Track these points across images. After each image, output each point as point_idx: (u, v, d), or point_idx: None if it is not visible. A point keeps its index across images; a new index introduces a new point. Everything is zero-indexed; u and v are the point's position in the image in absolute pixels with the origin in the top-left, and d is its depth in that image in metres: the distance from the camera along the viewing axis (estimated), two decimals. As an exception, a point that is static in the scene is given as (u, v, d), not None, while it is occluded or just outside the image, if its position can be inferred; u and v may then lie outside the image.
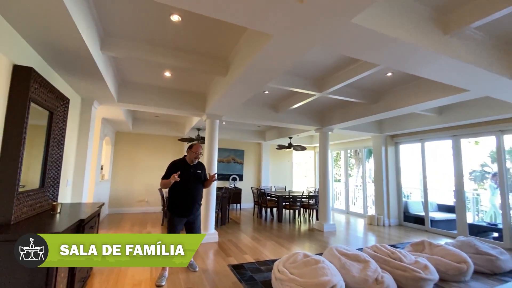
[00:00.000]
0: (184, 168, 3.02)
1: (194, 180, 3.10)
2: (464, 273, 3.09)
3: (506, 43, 2.76)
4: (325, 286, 2.36)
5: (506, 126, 4.67)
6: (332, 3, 1.59)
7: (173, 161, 3.18)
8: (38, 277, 1.71)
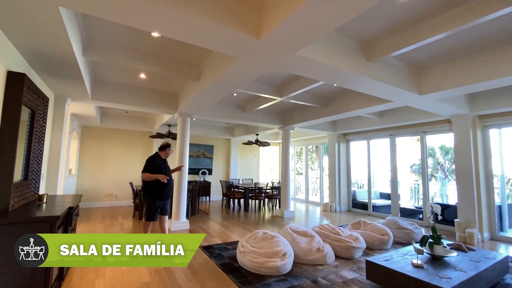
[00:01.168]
0: (161, 162, 3.66)
1: (168, 172, 3.76)
2: (386, 242, 4.01)
3: (416, 68, 3.65)
4: (278, 254, 3.02)
5: (428, 128, 5.81)
6: (281, 41, 2.18)
7: (151, 157, 3.67)
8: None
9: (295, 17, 1.81)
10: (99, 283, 2.70)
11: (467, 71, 3.27)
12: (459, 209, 4.82)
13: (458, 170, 4.86)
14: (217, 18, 1.99)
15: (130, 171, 7.85)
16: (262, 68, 2.77)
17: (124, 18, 1.96)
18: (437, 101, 4.01)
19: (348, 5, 1.68)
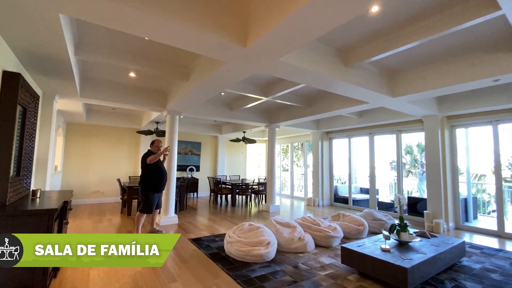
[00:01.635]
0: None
1: (161, 164, 4.18)
2: (361, 232, 4.37)
3: (389, 73, 3.99)
4: (262, 243, 3.28)
5: (402, 127, 6.25)
6: (265, 49, 2.41)
7: (146, 153, 4.07)
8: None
9: (278, 29, 2.05)
10: (93, 273, 2.86)
11: (435, 76, 3.64)
12: (428, 201, 5.28)
13: (428, 166, 5.32)
14: (208, 28, 2.19)
15: (117, 168, 7.87)
16: (248, 71, 2.99)
17: (122, 26, 2.12)
18: (409, 103, 4.39)
19: (324, 20, 1.93)
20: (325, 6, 1.75)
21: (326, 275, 2.89)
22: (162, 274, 2.85)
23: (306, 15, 1.85)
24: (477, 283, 2.74)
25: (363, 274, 2.89)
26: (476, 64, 3.25)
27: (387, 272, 2.61)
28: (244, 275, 2.83)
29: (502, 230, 4.71)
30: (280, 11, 1.95)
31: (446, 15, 2.48)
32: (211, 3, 2.26)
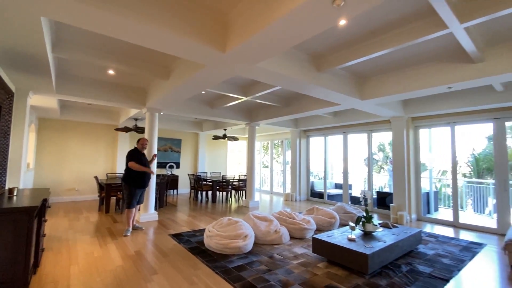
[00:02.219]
0: (140, 155, 4.33)
1: (146, 162, 4.37)
2: (333, 224, 4.71)
3: (358, 77, 4.32)
4: (240, 236, 3.49)
5: (373, 127, 6.71)
6: (243, 55, 2.58)
7: (131, 150, 4.32)
8: (20, 237, 2.27)
9: (255, 39, 2.23)
10: (74, 268, 2.91)
11: (397, 82, 4.00)
12: (394, 195, 5.75)
13: (394, 163, 5.78)
14: (189, 34, 2.32)
15: (93, 165, 7.71)
16: (228, 74, 3.15)
17: (103, 30, 2.19)
18: (377, 105, 4.76)
19: (296, 33, 2.13)
20: (296, 21, 1.95)
21: (298, 264, 3.15)
22: (143, 267, 2.96)
23: (279, 28, 2.05)
24: (429, 267, 3.13)
25: (331, 262, 3.19)
26: (432, 73, 3.63)
27: (351, 259, 2.91)
28: (223, 266, 3.02)
29: (457, 221, 5.27)
30: (257, 23, 2.13)
31: (405, 30, 2.78)
32: (192, 11, 2.39)
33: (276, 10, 1.94)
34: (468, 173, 9.44)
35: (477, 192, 7.62)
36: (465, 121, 5.30)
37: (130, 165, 4.11)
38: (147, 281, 2.66)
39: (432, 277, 2.85)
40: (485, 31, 2.80)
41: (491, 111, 4.87)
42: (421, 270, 3.03)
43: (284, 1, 1.88)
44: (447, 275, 2.90)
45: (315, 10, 1.81)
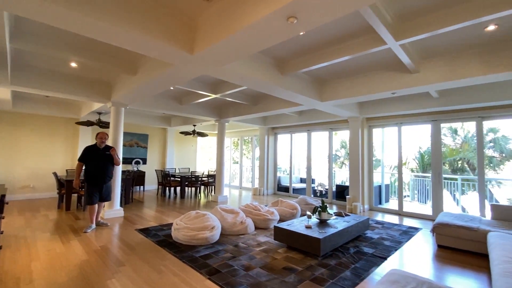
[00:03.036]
0: (94, 151, 4.19)
1: (103, 159, 4.22)
2: (295, 215, 5.12)
3: (318, 81, 4.72)
4: (207, 227, 3.68)
5: (333, 125, 7.28)
6: (210, 57, 2.76)
7: (87, 146, 4.13)
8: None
9: (221, 44, 2.42)
10: (36, 265, 2.88)
11: (353, 87, 4.46)
12: (349, 188, 6.35)
13: (351, 159, 6.37)
14: (159, 36, 2.44)
15: (51, 160, 7.27)
16: (196, 74, 3.30)
17: (73, 28, 2.22)
18: (335, 106, 5.23)
19: (258, 41, 2.37)
20: (256, 33, 2.19)
21: (260, 250, 3.45)
22: (109, 261, 3.02)
23: (242, 37, 2.27)
24: (372, 248, 3.63)
25: (290, 247, 3.54)
26: (379, 80, 4.14)
27: (307, 244, 3.28)
28: (190, 256, 3.20)
29: (401, 210, 6.01)
30: (223, 31, 2.33)
31: (355, 43, 3.18)
32: (162, 14, 2.50)
33: (239, 22, 2.16)
34: (415, 168, 10.63)
35: (421, 184, 8.66)
36: (409, 123, 6.04)
37: (78, 163, 4.14)
38: (114, 272, 2.75)
39: (373, 256, 3.33)
40: (419, 47, 3.31)
41: (429, 114, 5.62)
42: (365, 251, 3.51)
43: (246, 15, 2.11)
44: (386, 254, 3.40)
45: (272, 24, 2.06)
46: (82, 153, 4.15)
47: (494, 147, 9.66)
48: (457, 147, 10.32)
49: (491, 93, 4.46)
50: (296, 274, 2.75)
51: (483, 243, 3.36)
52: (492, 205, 4.09)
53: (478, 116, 5.09)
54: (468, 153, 9.57)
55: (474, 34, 2.95)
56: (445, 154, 9.90)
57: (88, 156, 4.14)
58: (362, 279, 2.71)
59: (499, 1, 2.26)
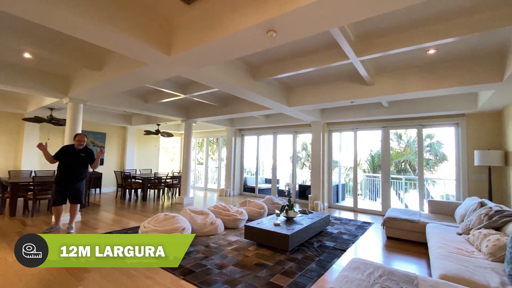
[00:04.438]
0: (69, 151, 4.12)
1: (76, 160, 4.11)
2: (262, 214, 5.33)
3: (287, 88, 5.02)
4: (177, 229, 3.67)
5: (297, 129, 7.71)
6: (187, 60, 2.79)
7: (62, 147, 4.18)
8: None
9: (199, 49, 2.49)
10: (-19, 277, 2.58)
11: (317, 94, 4.83)
12: (311, 187, 6.80)
13: (312, 160, 6.83)
14: (134, 34, 2.40)
15: (-12, 160, 6.38)
16: (170, 74, 3.28)
17: (45, 22, 2.08)
18: (300, 112, 5.59)
19: (231, 51, 2.50)
20: (236, 42, 2.32)
21: (231, 249, 3.56)
22: (71, 267, 2.84)
23: (221, 45, 2.38)
24: (333, 242, 3.99)
25: (260, 244, 3.71)
26: (340, 89, 4.57)
27: (276, 240, 3.49)
28: (161, 258, 3.16)
29: (356, 207, 6.63)
30: (202, 36, 2.41)
31: (322, 55, 3.49)
32: (140, 14, 2.47)
33: (221, 29, 2.26)
34: (366, 169, 11.75)
35: (372, 184, 9.62)
36: (363, 128, 6.71)
37: (49, 160, 4.01)
38: (79, 279, 2.61)
39: (334, 249, 3.68)
40: (375, 63, 3.77)
41: (380, 122, 6.32)
42: (327, 245, 3.85)
43: (228, 23, 2.22)
44: (345, 246, 3.79)
45: (252, 35, 2.22)
46: (58, 151, 4.08)
47: (430, 151, 11.18)
48: (401, 150, 11.69)
49: (429, 105, 5.23)
50: (267, 269, 2.93)
51: (423, 234, 3.94)
52: (429, 201, 4.80)
53: (419, 124, 5.91)
54: (410, 156, 10.91)
55: (418, 56, 3.48)
56: (392, 156, 11.14)
57: (62, 155, 4.05)
58: (326, 269, 3.00)
59: (439, 31, 2.74)
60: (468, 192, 5.13)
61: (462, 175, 5.28)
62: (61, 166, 4.03)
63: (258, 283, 2.60)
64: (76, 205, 4.21)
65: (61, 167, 4.02)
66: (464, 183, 5.23)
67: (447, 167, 11.29)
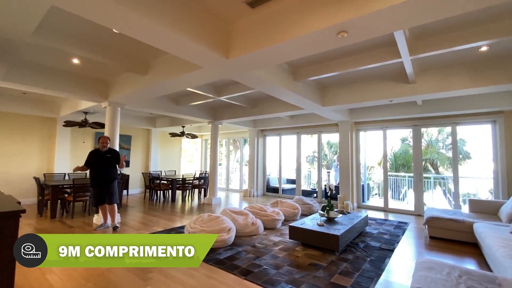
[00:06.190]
0: (96, 154, 4.32)
1: (104, 162, 4.27)
2: (296, 214, 5.33)
3: (322, 88, 5.02)
4: (224, 229, 3.71)
5: (323, 129, 7.68)
6: (243, 63, 2.83)
7: (91, 150, 4.42)
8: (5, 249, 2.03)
9: (261, 52, 2.52)
10: (52, 278, 2.67)
11: (354, 93, 4.80)
12: (340, 188, 6.76)
13: (341, 160, 6.79)
14: (197, 38, 2.45)
15: (24, 164, 6.59)
16: (219, 77, 3.33)
17: (114, 26, 2.15)
18: (332, 111, 5.57)
19: (299, 52, 2.52)
20: (303, 44, 2.34)
21: (279, 249, 3.58)
22: (133, 268, 2.91)
23: (287, 47, 2.41)
24: (377, 242, 3.96)
25: (306, 245, 3.72)
26: (378, 89, 4.54)
27: (324, 241, 3.49)
28: (214, 258, 3.21)
29: (386, 206, 6.56)
30: (266, 39, 2.45)
31: (369, 55, 3.48)
32: (198, 16, 2.52)
33: (286, 33, 2.29)
34: (388, 168, 11.61)
35: (394, 183, 9.49)
36: (393, 127, 6.63)
37: (75, 169, 4.20)
38: (145, 279, 2.67)
39: (381, 249, 3.65)
40: (419, 61, 3.73)
41: (411, 120, 6.24)
42: (373, 245, 3.83)
43: (295, 27, 2.24)
44: (391, 247, 3.76)
45: (321, 37, 2.23)
46: (86, 158, 4.30)
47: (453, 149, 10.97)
48: (423, 149, 11.50)
49: (465, 102, 5.13)
50: (324, 270, 2.93)
51: (469, 233, 3.87)
52: (470, 200, 4.72)
53: (452, 122, 5.81)
54: (433, 154, 10.72)
55: (465, 53, 3.43)
56: (412, 156, 10.98)
57: (90, 160, 4.27)
58: (382, 269, 2.99)
59: (494, 30, 2.70)
60: (507, 190, 5.02)
61: (501, 173, 5.17)
62: (92, 170, 4.25)
63: (321, 283, 2.61)
64: (112, 206, 4.35)
65: (92, 171, 4.25)
66: (503, 181, 5.12)
67: (470, 166, 11.06)
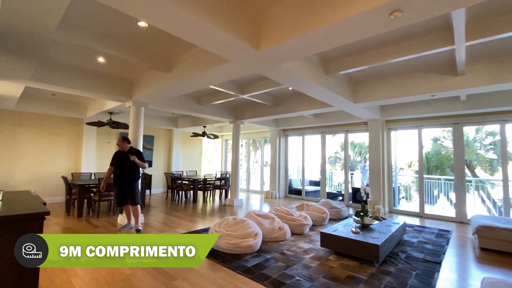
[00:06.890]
0: (119, 155, 4.29)
1: (125, 162, 4.18)
2: (324, 219, 5.00)
3: (354, 83, 4.65)
4: (251, 234, 3.49)
5: (350, 128, 7.25)
6: (274, 55, 2.59)
7: (115, 152, 4.39)
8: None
9: (291, 42, 2.28)
10: (76, 282, 2.58)
11: (389, 88, 4.40)
12: (371, 190, 6.31)
13: (371, 161, 6.34)
14: (228, 29, 2.24)
15: (54, 163, 6.78)
16: (248, 71, 3.11)
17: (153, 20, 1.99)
18: (363, 108, 5.18)
19: (328, 41, 2.25)
20: (347, 28, 2.05)
21: (311, 258, 3.29)
22: (158, 275, 2.76)
23: (325, 33, 2.13)
24: (420, 253, 3.56)
25: (339, 253, 3.40)
26: (418, 82, 4.11)
27: (362, 250, 3.15)
28: (241, 266, 2.99)
29: (422, 212, 6.03)
30: (300, 26, 2.19)
31: (415, 43, 3.09)
32: (228, 4, 2.31)
33: (325, 17, 2.01)
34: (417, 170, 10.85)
35: (426, 186, 8.80)
36: (429, 125, 6.10)
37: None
38: (170, 279, 2.51)
39: (426, 261, 3.25)
40: (472, 49, 3.29)
41: (451, 117, 5.68)
42: (416, 256, 3.43)
43: (335, 10, 1.96)
44: (437, 259, 3.34)
45: (369, 20, 1.93)
46: (111, 159, 4.35)
47: (494, 149, 10.01)
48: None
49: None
50: (364, 284, 2.62)
51: (531, 246, 3.37)
52: (527, 207, 4.15)
53: (501, 119, 5.20)
54: (471, 156, 9.85)
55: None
56: (446, 157, 10.16)
57: (114, 161, 4.30)
58: (432, 286, 2.62)
59: None
60: None
61: None
62: (114, 170, 4.25)
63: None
64: (135, 207, 4.24)
65: (114, 171, 4.25)
66: None
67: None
